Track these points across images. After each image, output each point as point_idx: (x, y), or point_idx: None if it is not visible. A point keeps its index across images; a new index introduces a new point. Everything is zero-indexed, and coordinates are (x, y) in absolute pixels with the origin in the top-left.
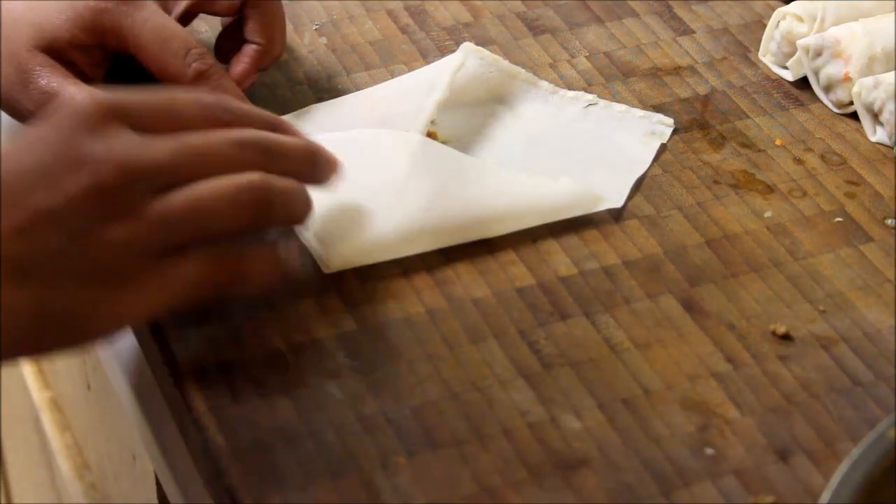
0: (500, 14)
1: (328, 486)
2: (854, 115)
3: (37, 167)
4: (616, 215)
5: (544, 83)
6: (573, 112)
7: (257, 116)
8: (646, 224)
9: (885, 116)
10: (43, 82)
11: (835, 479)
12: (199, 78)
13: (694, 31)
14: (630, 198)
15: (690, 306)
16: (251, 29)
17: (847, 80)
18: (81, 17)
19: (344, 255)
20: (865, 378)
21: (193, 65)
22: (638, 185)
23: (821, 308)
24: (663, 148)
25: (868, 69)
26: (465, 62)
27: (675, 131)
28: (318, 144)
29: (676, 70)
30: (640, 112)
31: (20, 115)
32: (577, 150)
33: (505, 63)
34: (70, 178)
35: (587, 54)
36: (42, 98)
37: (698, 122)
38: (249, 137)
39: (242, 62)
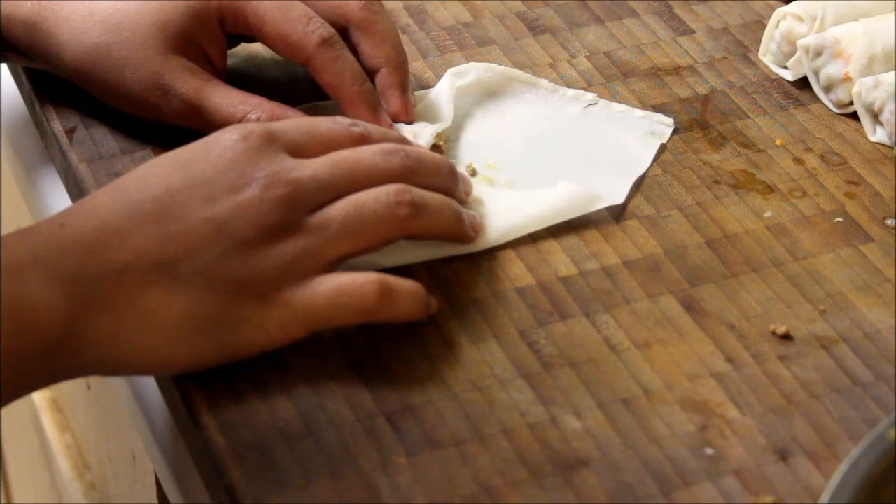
0: (500, 14)
1: (328, 486)
2: (854, 115)
3: (202, 181)
4: (616, 215)
5: (544, 82)
6: (573, 112)
7: (393, 135)
8: (646, 224)
9: (885, 116)
10: (182, 90)
11: (835, 479)
12: (323, 45)
13: (694, 31)
14: (630, 198)
15: (690, 306)
16: (366, 55)
17: (847, 80)
18: (202, 6)
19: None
20: (865, 378)
21: (317, 31)
22: (638, 185)
23: (821, 308)
24: (663, 148)
25: (868, 69)
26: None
27: (675, 131)
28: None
29: (676, 70)
30: (640, 112)
31: (158, 118)
32: (577, 150)
33: (501, 67)
34: (236, 193)
35: (587, 54)
36: (183, 107)
37: (698, 122)
38: (396, 148)
39: (393, 96)
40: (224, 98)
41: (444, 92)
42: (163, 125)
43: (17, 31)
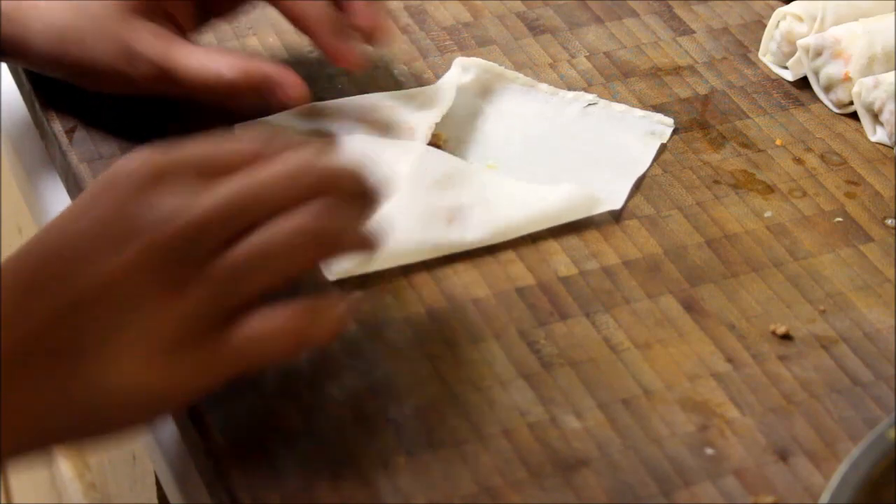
0: (500, 14)
1: (328, 486)
2: (854, 115)
3: (81, 242)
4: (616, 215)
5: (543, 86)
6: (573, 112)
7: (302, 147)
8: (646, 224)
9: (885, 116)
10: (149, 53)
11: (835, 479)
12: None
13: (694, 31)
14: (630, 198)
15: (690, 306)
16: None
17: (847, 80)
18: None
19: (346, 263)
20: (865, 378)
21: None
22: (638, 185)
23: (821, 308)
24: (663, 148)
25: (868, 69)
26: (463, 73)
27: (675, 131)
28: (365, 165)
29: (676, 70)
30: (640, 112)
31: (132, 89)
32: (577, 150)
33: (500, 69)
34: (121, 250)
35: (587, 54)
36: (152, 70)
37: (698, 122)
38: (302, 168)
39: (362, 8)
40: (192, 57)
41: (447, 81)
42: (163, 125)
43: None
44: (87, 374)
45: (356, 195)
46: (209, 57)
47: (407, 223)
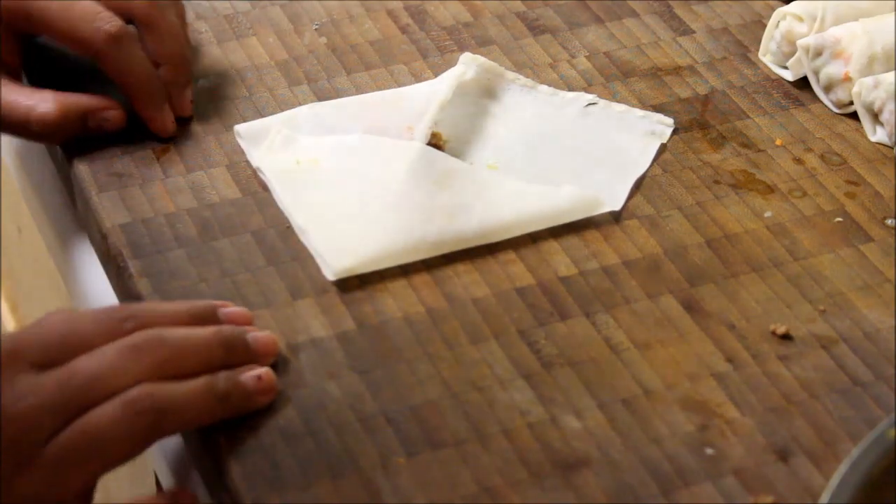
0: (500, 14)
1: (328, 486)
2: (854, 115)
3: None
4: (616, 215)
5: (543, 87)
6: (573, 112)
7: (166, 313)
8: (646, 224)
9: (885, 116)
10: None
11: (835, 479)
12: (109, 41)
13: (694, 31)
14: (630, 198)
15: (690, 306)
16: (150, 50)
17: (847, 80)
18: None
19: (347, 263)
20: (865, 378)
21: (104, 27)
22: (638, 185)
23: (821, 308)
24: (663, 148)
25: (868, 69)
26: (465, 71)
27: (675, 131)
28: (226, 329)
29: (676, 70)
30: (640, 112)
31: None
32: (577, 150)
33: (501, 69)
34: None
35: (587, 54)
36: None
37: (698, 122)
38: (148, 342)
39: (171, 94)
40: (14, 97)
41: (446, 77)
42: None
43: None
44: None
45: (217, 363)
46: (28, 94)
47: (406, 222)
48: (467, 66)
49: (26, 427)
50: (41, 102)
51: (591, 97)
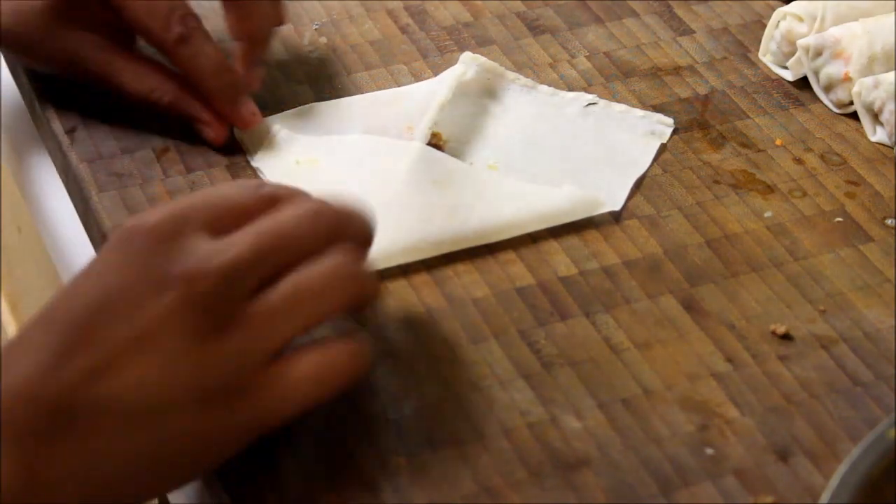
0: (500, 14)
1: (328, 486)
2: (854, 115)
3: (110, 297)
4: (616, 215)
5: (543, 87)
6: (573, 112)
7: (299, 192)
8: (646, 224)
9: (885, 116)
10: (92, 64)
11: (835, 479)
12: (180, 43)
13: (694, 31)
14: (630, 198)
15: (690, 306)
16: (230, 26)
17: (847, 79)
18: None
19: None
20: (865, 378)
21: (175, 30)
22: (638, 185)
23: (821, 308)
24: (663, 148)
25: (868, 69)
26: (465, 70)
27: (675, 131)
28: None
29: (676, 70)
30: (640, 112)
31: (83, 83)
32: (577, 150)
33: (502, 69)
34: (155, 300)
35: (587, 54)
36: (98, 80)
37: (698, 122)
38: (315, 211)
39: (242, 69)
40: (131, 74)
41: (446, 77)
42: (164, 124)
43: None
44: (129, 434)
45: (363, 238)
46: (146, 73)
47: (406, 222)
48: (467, 65)
49: (226, 284)
50: (158, 91)
51: (591, 97)
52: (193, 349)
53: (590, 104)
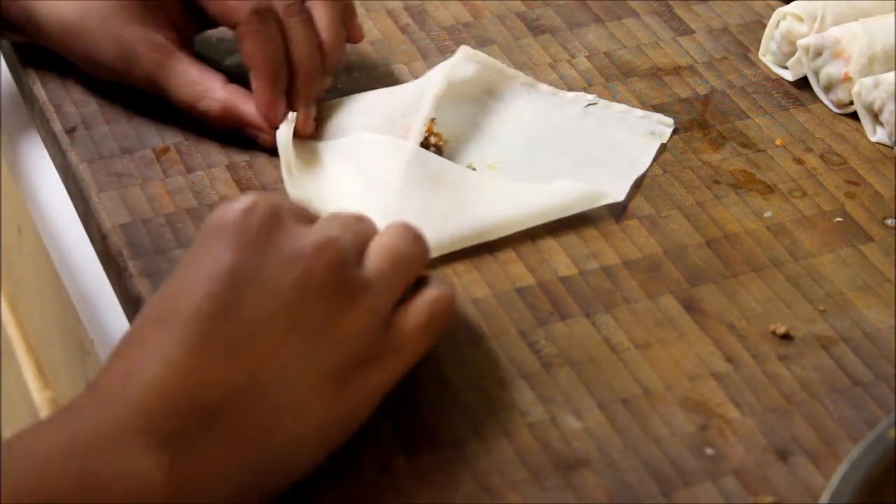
0: (500, 14)
1: (328, 486)
2: (854, 115)
3: (235, 280)
4: (616, 215)
5: (543, 86)
6: (573, 112)
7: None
8: (646, 224)
9: (885, 116)
10: (145, 62)
11: (835, 479)
12: (253, 15)
13: (694, 31)
14: (630, 198)
15: (690, 306)
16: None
17: (847, 80)
18: None
19: None
20: (865, 378)
21: (252, 3)
22: (638, 185)
23: (821, 308)
24: (663, 148)
25: (868, 69)
26: (463, 65)
27: (675, 131)
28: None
29: (676, 70)
30: (640, 112)
31: (132, 83)
32: (577, 150)
33: (501, 66)
34: (290, 269)
35: (587, 54)
36: (147, 78)
37: (698, 122)
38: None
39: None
40: (182, 79)
41: (440, 67)
42: (164, 124)
43: (13, 8)
44: (273, 424)
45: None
46: (197, 80)
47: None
48: (466, 60)
49: (342, 252)
50: (208, 98)
51: (591, 97)
52: (325, 328)
53: (590, 104)
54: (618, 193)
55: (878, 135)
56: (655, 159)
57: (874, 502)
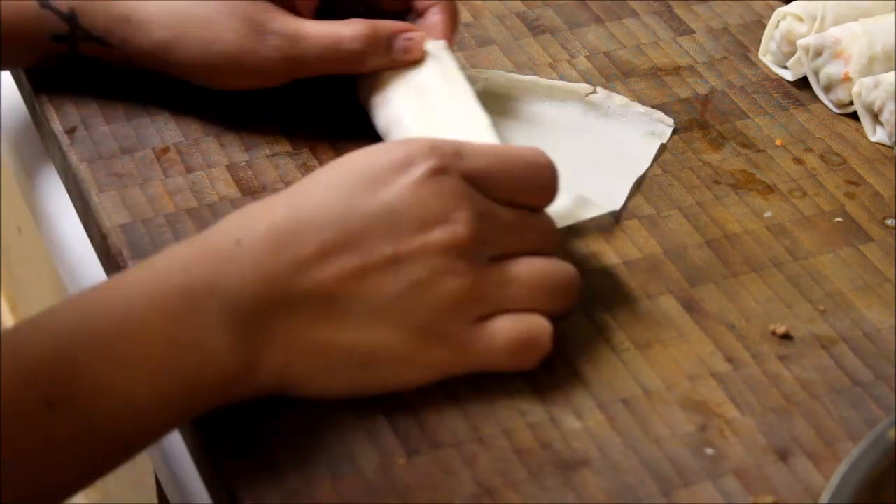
0: (500, 14)
1: (328, 486)
2: (854, 115)
3: (388, 212)
4: (616, 215)
5: (544, 82)
6: (573, 112)
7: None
8: (646, 224)
9: (885, 116)
10: (278, 26)
11: (835, 479)
12: None
13: (694, 31)
14: (630, 198)
15: (690, 306)
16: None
17: (847, 80)
18: None
19: None
20: (865, 378)
21: None
22: (638, 185)
23: (821, 308)
24: (663, 148)
25: (868, 69)
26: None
27: (675, 131)
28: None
29: (676, 70)
30: (640, 108)
31: (254, 67)
32: (577, 150)
33: (508, 77)
34: (421, 233)
35: (587, 54)
36: (281, 42)
37: (698, 122)
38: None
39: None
40: (317, 28)
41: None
42: (164, 124)
43: (95, 15)
44: (360, 332)
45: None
46: (332, 29)
47: None
48: (474, 79)
49: (480, 241)
50: (349, 30)
51: (588, 87)
52: (431, 285)
53: (589, 94)
54: (616, 202)
55: (878, 135)
56: (655, 159)
57: (874, 502)
